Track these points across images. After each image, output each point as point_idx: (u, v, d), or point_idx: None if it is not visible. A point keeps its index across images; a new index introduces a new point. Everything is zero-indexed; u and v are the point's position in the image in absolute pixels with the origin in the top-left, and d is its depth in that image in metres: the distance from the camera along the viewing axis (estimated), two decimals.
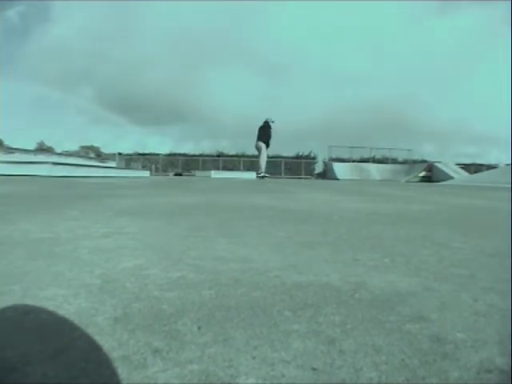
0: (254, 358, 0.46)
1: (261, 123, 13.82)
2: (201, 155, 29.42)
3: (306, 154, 29.45)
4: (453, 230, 1.64)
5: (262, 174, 13.59)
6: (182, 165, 28.25)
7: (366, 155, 28.13)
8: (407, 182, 19.06)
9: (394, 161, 28.16)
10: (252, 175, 17.38)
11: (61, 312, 0.59)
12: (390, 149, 28.72)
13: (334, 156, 27.46)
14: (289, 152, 29.68)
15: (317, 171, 28.93)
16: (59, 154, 14.05)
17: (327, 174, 25.54)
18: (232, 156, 29.12)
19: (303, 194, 4.48)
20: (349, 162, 26.55)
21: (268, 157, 14.40)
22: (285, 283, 0.77)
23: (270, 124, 13.69)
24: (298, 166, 28.53)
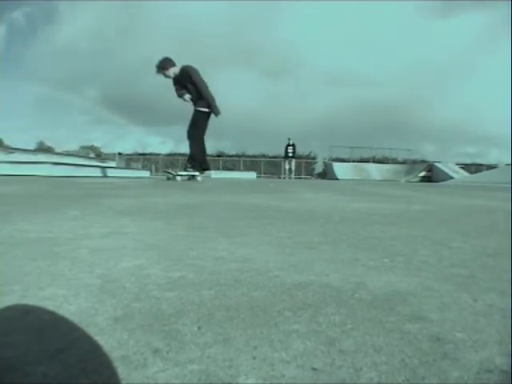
0: (254, 358, 0.46)
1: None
2: None
3: (306, 154, 29.40)
4: (453, 230, 1.64)
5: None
6: (182, 165, 28.27)
7: (366, 155, 28.15)
8: (407, 181, 19.04)
9: (394, 161, 28.14)
10: (253, 175, 18.17)
11: (61, 312, 0.59)
12: (390, 149, 28.73)
13: (334, 156, 27.49)
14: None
15: (317, 171, 28.91)
16: (59, 154, 14.04)
17: (327, 174, 25.54)
18: (232, 156, 29.08)
19: (303, 193, 4.48)
20: (349, 162, 26.54)
21: (287, 157, 20.88)
22: (285, 283, 0.77)
23: (289, 141, 20.34)
24: (297, 166, 28.49)
